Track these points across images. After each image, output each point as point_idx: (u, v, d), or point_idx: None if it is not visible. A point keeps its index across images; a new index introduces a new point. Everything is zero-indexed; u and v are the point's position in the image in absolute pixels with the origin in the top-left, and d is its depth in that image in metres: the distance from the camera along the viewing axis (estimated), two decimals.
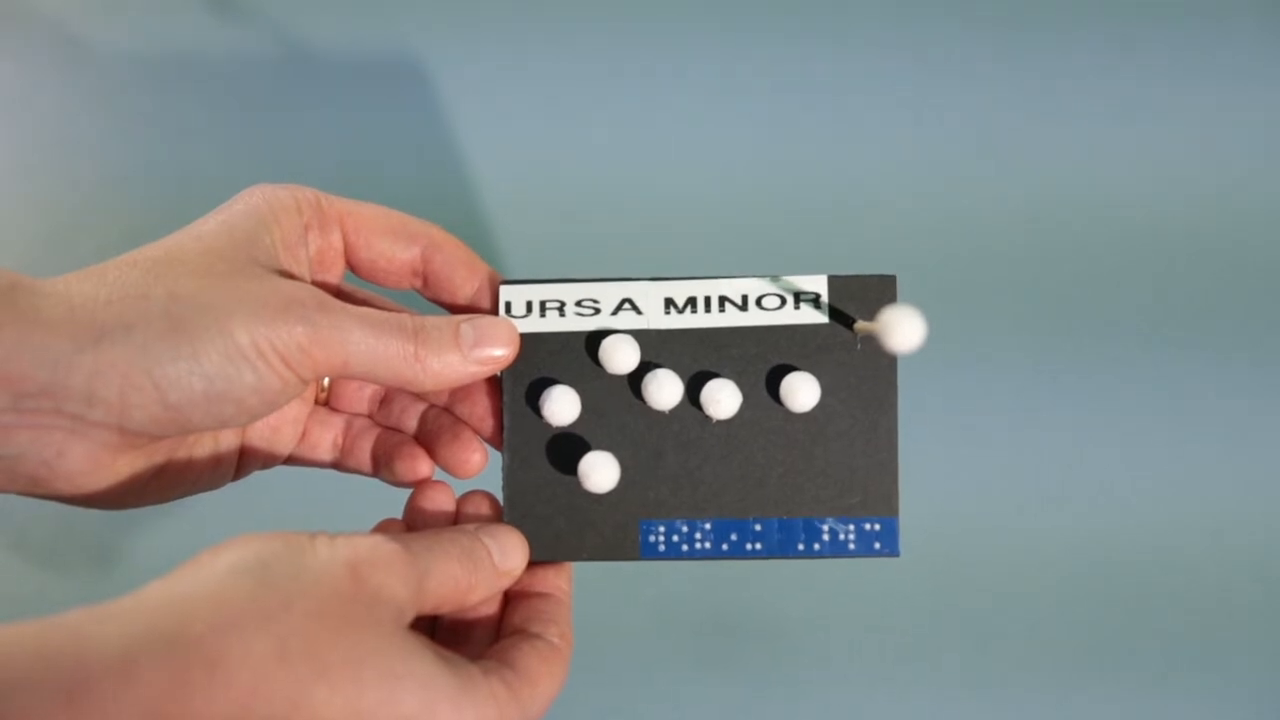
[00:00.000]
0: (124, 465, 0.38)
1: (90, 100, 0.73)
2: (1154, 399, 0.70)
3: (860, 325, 0.41)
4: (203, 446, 0.42)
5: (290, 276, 0.40)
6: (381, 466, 0.44)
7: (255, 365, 0.37)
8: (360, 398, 0.45)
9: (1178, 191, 0.71)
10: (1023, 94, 0.71)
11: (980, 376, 0.71)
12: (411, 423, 0.45)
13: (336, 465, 0.45)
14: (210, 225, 0.40)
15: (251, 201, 0.40)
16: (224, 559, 0.33)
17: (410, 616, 0.35)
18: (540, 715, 0.37)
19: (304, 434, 0.45)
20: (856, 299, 0.41)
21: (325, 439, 0.45)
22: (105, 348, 0.36)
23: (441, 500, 0.43)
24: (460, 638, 0.41)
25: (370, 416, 0.45)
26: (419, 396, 0.45)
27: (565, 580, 0.41)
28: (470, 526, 0.40)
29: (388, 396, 0.45)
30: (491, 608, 0.41)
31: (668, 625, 0.70)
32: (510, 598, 0.41)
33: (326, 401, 0.45)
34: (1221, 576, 0.69)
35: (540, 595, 0.40)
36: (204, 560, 0.33)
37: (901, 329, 0.34)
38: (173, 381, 0.36)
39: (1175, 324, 0.71)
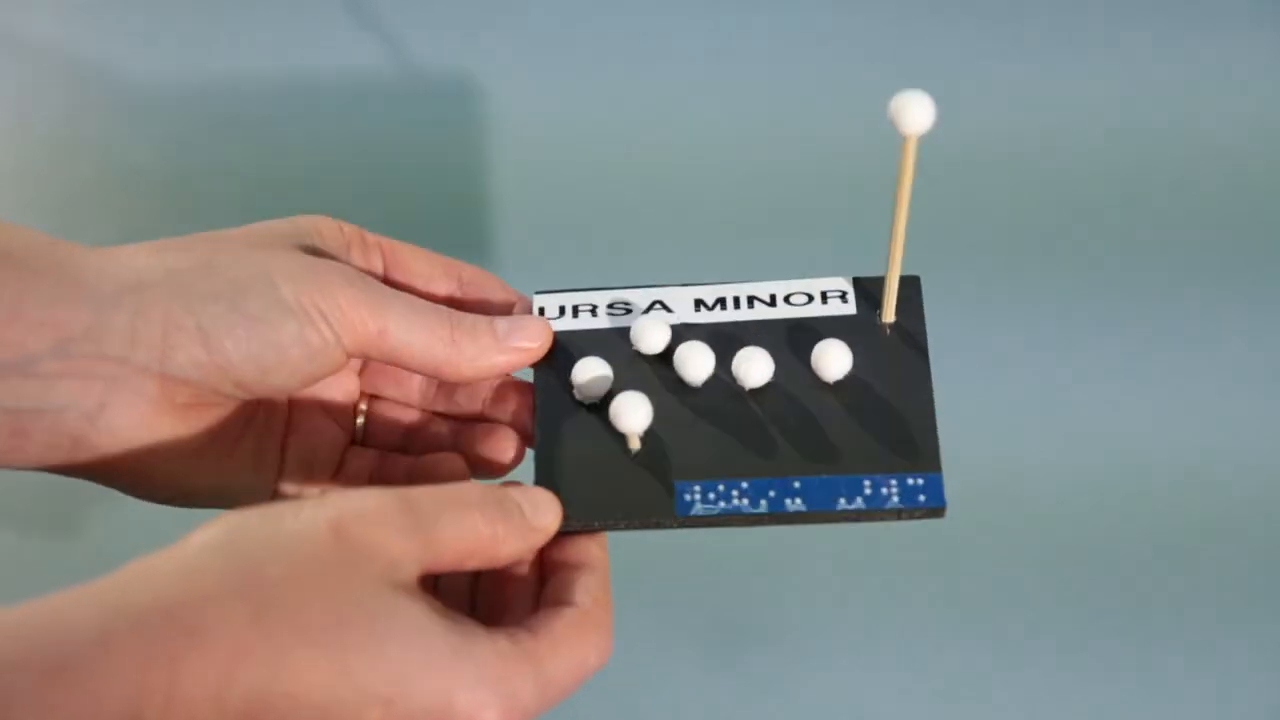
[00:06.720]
0: (166, 427, 0.39)
1: (90, 100, 0.73)
2: (1184, 335, 0.70)
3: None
4: (245, 446, 0.42)
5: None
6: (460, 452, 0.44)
7: (298, 316, 0.38)
8: (395, 429, 0.45)
9: (1197, 129, 0.71)
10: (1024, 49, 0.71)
11: (1003, 326, 0.71)
12: (446, 444, 0.44)
13: None
14: (249, 226, 0.41)
15: (293, 218, 0.42)
16: (198, 537, 0.32)
17: (410, 571, 0.34)
18: (568, 680, 0.35)
19: (340, 466, 0.44)
20: (881, 298, 0.42)
21: (363, 470, 0.45)
22: (148, 289, 0.38)
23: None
24: (499, 612, 0.40)
25: (404, 450, 0.45)
26: (451, 417, 0.45)
27: (599, 548, 0.39)
28: (497, 484, 0.39)
29: (421, 424, 0.45)
30: (524, 570, 0.40)
31: (668, 625, 0.70)
32: (544, 573, 0.40)
33: (363, 440, 0.45)
34: (1265, 515, 0.68)
35: (573, 566, 0.39)
36: (181, 542, 0.33)
37: (911, 109, 0.34)
38: (214, 320, 0.37)
39: (1212, 258, 0.70)
